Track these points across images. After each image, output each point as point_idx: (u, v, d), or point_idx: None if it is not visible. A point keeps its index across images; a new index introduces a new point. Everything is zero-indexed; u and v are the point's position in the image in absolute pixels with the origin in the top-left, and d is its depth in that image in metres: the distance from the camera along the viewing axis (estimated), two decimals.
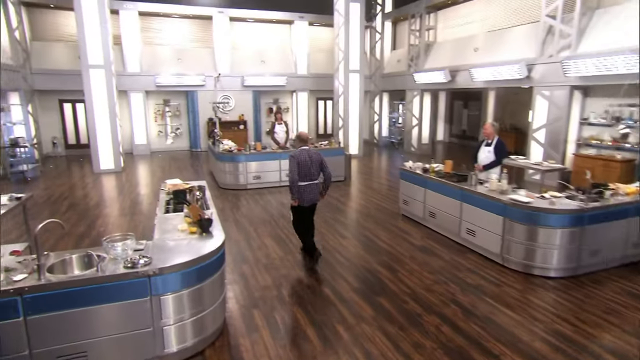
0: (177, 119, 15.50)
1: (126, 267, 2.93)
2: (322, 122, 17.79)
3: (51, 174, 11.24)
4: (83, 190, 9.26)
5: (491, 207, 5.03)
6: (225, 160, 9.02)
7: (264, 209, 7.50)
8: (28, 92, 12.61)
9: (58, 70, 13.31)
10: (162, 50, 14.83)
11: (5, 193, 4.81)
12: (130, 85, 14.14)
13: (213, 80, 14.60)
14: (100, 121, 11.06)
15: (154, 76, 14.30)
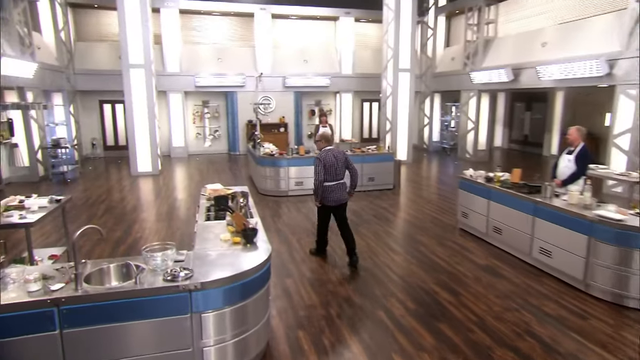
0: (215, 121, 15.79)
1: (166, 280, 2.82)
2: (367, 125, 17.55)
3: (90, 175, 11.71)
4: (120, 193, 9.52)
5: (572, 224, 4.59)
6: (265, 165, 8.98)
7: (306, 218, 7.35)
8: (70, 92, 13.28)
9: (99, 70, 13.95)
10: (202, 50, 15.19)
11: (46, 194, 4.94)
12: (170, 86, 14.56)
13: (253, 81, 14.76)
14: (139, 122, 11.41)
15: (194, 76, 14.65)
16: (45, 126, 11.38)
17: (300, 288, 4.65)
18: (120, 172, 12.28)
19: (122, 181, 10.90)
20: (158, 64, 14.10)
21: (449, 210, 7.83)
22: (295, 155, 8.95)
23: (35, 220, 4.12)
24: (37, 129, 10.90)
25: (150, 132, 11.53)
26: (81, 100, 14.61)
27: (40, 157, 10.97)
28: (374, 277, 4.94)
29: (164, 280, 2.81)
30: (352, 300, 4.38)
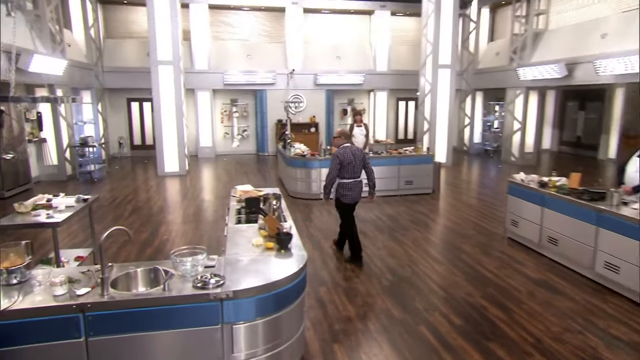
0: (244, 120, 15.91)
1: (195, 286, 2.75)
2: (403, 125, 17.27)
3: (116, 175, 11.98)
4: (147, 193, 9.67)
5: None
6: (296, 166, 8.93)
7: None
8: (99, 90, 13.67)
9: (128, 68, 14.30)
10: (231, 46, 15.35)
11: (73, 193, 5.01)
12: (198, 84, 14.76)
13: (284, 78, 14.80)
14: (167, 121, 11.59)
15: (222, 74, 14.80)
16: (74, 124, 11.72)
17: (335, 298, 4.52)
18: (147, 172, 12.52)
19: (148, 181, 11.08)
20: (186, 61, 14.31)
21: (494, 217, 7.52)
22: (327, 156, 8.82)
23: (62, 220, 4.17)
24: (66, 127, 11.24)
25: (178, 131, 11.70)
26: (109, 99, 15.02)
27: (68, 155, 11.30)
28: (414, 288, 4.76)
29: (194, 287, 2.74)
30: (391, 313, 4.22)
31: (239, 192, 5.10)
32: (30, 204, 4.44)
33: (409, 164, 9.08)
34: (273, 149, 15.55)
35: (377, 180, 8.65)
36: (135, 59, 14.49)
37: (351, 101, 16.39)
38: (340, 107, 16.41)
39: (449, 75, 12.81)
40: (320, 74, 15.26)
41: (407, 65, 15.78)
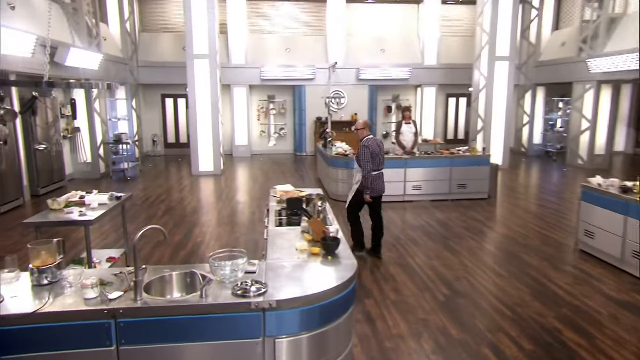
0: (281, 118, 15.95)
1: (235, 294, 2.63)
2: (453, 124, 16.80)
3: (150, 174, 12.24)
4: (180, 193, 9.80)
5: None
6: (338, 167, 8.81)
7: (387, 229, 6.96)
8: (133, 86, 14.05)
9: (163, 62, 14.63)
10: (269, 40, 15.43)
11: (106, 192, 5.04)
12: (234, 79, 14.91)
13: (324, 73, 14.71)
14: (202, 118, 11.74)
15: (260, 69, 14.89)
16: (108, 121, 12.08)
17: (385, 313, 4.31)
18: (181, 171, 12.72)
19: (182, 181, 11.24)
20: (223, 56, 14.48)
21: (561, 227, 7.09)
22: None
23: (95, 218, 4.19)
24: (100, 123, 11.58)
25: (214, 129, 11.82)
26: (143, 95, 15.43)
27: (102, 153, 11.63)
28: (474, 305, 4.48)
29: (234, 295, 2.62)
30: (449, 333, 3.97)
31: (279, 193, 4.99)
32: (63, 201, 4.50)
33: (463, 166, 8.73)
34: (312, 148, 15.51)
35: (425, 182, 8.57)
36: (170, 54, 14.81)
37: (396, 98, 16.11)
38: (384, 105, 16.17)
39: (507, 68, 12.30)
40: (363, 68, 15.08)
41: (459, 59, 15.32)
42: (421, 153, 9.07)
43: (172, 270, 2.96)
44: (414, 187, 8.66)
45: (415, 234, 6.72)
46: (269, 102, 15.77)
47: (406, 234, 6.73)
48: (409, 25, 15.87)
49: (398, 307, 4.42)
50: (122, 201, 4.87)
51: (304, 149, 15.68)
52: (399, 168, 8.58)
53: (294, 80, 15.12)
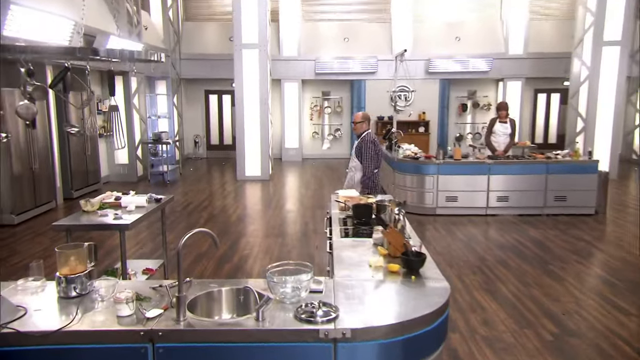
0: (337, 117, 15.86)
1: (299, 318, 2.36)
2: (542, 124, 16.05)
3: (190, 178, 12.43)
4: (224, 199, 9.83)
5: None
6: (406, 172, 8.57)
7: (467, 247, 6.59)
8: (175, 80, 14.35)
9: (207, 54, 14.88)
10: (325, 28, 15.39)
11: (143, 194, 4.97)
12: (285, 73, 14.95)
13: (388, 66, 14.44)
14: (250, 116, 11.78)
15: (314, 61, 14.85)
16: (147, 118, 12.34)
17: (474, 350, 3.91)
18: (225, 175, 12.83)
19: (226, 186, 11.31)
20: (273, 47, 14.52)
21: None
22: (447, 160, 8.32)
23: (131, 222, 4.12)
24: (139, 121, 11.84)
25: (262, 129, 11.82)
26: (185, 90, 15.76)
27: (140, 153, 11.87)
28: (594, 348, 3.96)
29: (297, 319, 2.36)
30: None
31: (342, 198, 4.76)
32: (97, 202, 4.47)
33: (562, 174, 8.14)
34: None
35: (513, 193, 8.13)
36: (215, 45, 15.05)
37: (472, 93, 15.62)
38: (458, 102, 15.69)
39: (618, 55, 11.41)
40: (433, 59, 14.71)
41: (551, 46, 14.53)
42: (509, 157, 8.56)
43: (221, 285, 2.75)
44: (498, 198, 8.19)
45: (504, 254, 6.25)
46: (323, 99, 15.70)
47: (493, 254, 6.28)
48: (489, 8, 15.26)
49: (491, 345, 3.99)
50: (162, 204, 4.79)
51: None
52: (480, 174, 8.15)
53: (353, 74, 14.98)
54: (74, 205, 8.75)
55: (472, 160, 8.32)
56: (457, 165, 8.22)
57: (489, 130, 8.68)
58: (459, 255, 6.25)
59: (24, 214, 8.03)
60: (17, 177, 7.92)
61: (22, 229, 7.61)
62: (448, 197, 8.25)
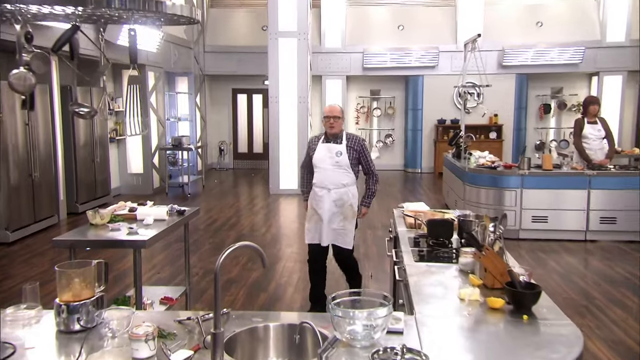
0: (388, 121, 15.74)
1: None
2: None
3: (215, 190, 12.47)
4: (255, 216, 9.80)
5: None
6: (480, 184, 8.36)
7: (566, 281, 6.21)
8: (198, 77, 14.48)
9: (236, 47, 14.97)
10: (375, 14, 15.33)
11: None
12: (327, 67, 14.93)
13: (451, 58, 14.28)
14: (286, 119, 11.73)
15: (362, 53, 14.77)
16: (165, 120, 12.38)
17: None
18: (254, 188, 12.87)
19: (257, 201, 11.31)
20: (314, 37, 14.45)
21: None
22: (534, 171, 8.04)
23: (149, 238, 3.97)
24: (156, 123, 11.87)
25: (300, 133, 11.74)
26: (210, 89, 15.89)
27: (157, 161, 11.88)
28: None
29: None
30: None
31: (410, 212, 4.54)
32: (107, 213, 4.36)
33: None
34: (429, 163, 15.21)
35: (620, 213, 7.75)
36: (246, 35, 15.14)
37: (557, 91, 15.34)
38: (539, 102, 15.34)
39: None
40: (508, 49, 14.44)
41: None
42: (614, 167, 8.12)
43: (267, 320, 2.51)
44: (602, 220, 7.79)
45: (617, 291, 5.84)
46: (371, 100, 15.61)
47: (602, 291, 5.87)
48: None
49: None
50: (186, 218, 4.65)
51: (419, 164, 15.34)
52: (577, 189, 7.80)
53: (408, 69, 14.85)
54: (79, 221, 8.75)
55: (566, 170, 7.95)
56: (546, 177, 7.90)
57: (579, 135, 8.24)
58: (557, 290, 5.83)
59: (20, 230, 8.03)
60: (14, 187, 7.91)
61: (18, 247, 7.61)
62: (535, 217, 7.92)
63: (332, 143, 5.01)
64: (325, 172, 5.01)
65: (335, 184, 4.99)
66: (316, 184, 5.06)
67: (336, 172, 5.00)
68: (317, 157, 5.02)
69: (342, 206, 5.05)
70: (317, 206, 5.05)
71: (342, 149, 4.98)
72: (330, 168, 4.99)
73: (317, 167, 5.05)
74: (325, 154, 4.99)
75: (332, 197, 4.99)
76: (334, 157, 4.96)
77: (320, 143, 5.07)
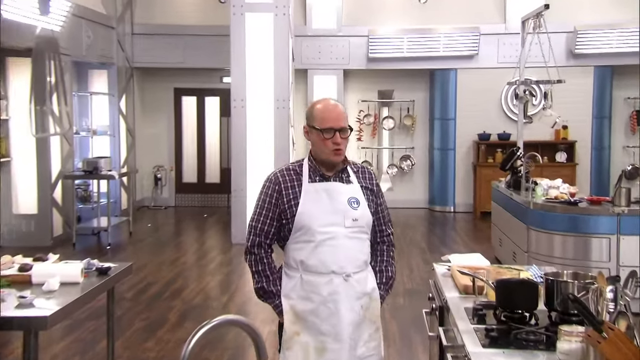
0: (404, 136, 15.86)
1: None
2: None
3: (148, 239, 12.35)
4: (210, 279, 9.72)
5: None
6: (552, 228, 8.35)
7: None
8: (123, 71, 14.40)
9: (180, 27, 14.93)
10: None
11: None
12: (316, 58, 15.10)
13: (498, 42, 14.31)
14: (257, 130, 11.60)
15: (366, 37, 14.87)
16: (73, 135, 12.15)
17: None
18: (209, 236, 12.86)
19: (212, 255, 11.24)
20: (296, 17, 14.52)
21: None
22: (635, 208, 7.97)
23: (52, 313, 3.84)
24: (60, 140, 11.60)
25: (278, 154, 11.66)
26: (141, 89, 15.78)
27: (59, 195, 11.70)
28: None
29: None
30: None
31: (464, 268, 4.47)
32: None
33: None
34: (467, 198, 15.29)
35: None
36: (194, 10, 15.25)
37: None
38: (629, 108, 15.49)
39: None
40: (582, 31, 14.61)
41: None
42: None
43: None
44: None
45: None
46: (380, 105, 15.71)
47: None
48: None
49: None
50: (111, 280, 4.47)
51: (451, 200, 15.48)
52: None
53: (434, 59, 15.02)
54: None
55: None
56: None
57: None
58: None
59: None
60: None
61: None
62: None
63: (334, 181, 3.96)
64: (334, 242, 3.83)
65: (356, 264, 3.92)
66: (312, 268, 3.87)
67: (354, 241, 3.90)
68: (311, 214, 3.88)
69: (368, 308, 3.98)
70: (320, 316, 3.85)
71: (357, 191, 4.00)
72: (344, 233, 3.86)
73: (312, 234, 3.89)
74: (328, 205, 3.93)
75: (354, 290, 3.88)
76: (348, 211, 3.90)
77: (307, 184, 3.98)
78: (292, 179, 3.89)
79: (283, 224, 3.85)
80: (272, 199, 3.87)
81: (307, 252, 3.80)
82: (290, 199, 3.82)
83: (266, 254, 3.86)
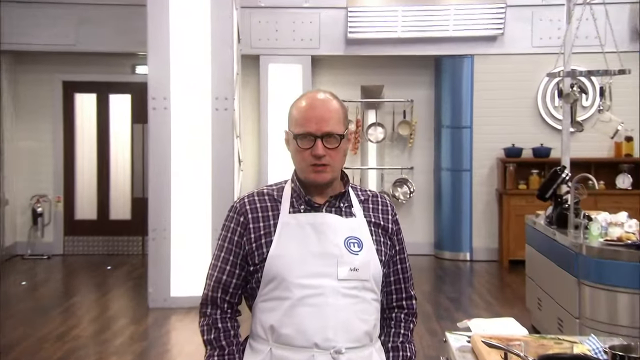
0: (399, 151, 16.15)
1: None
2: None
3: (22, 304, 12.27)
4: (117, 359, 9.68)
5: None
6: (613, 283, 8.45)
7: None
8: None
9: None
10: None
11: None
12: (271, 40, 15.19)
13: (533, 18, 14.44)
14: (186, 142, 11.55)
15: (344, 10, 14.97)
16: None
17: None
18: (113, 297, 12.88)
19: (118, 324, 11.23)
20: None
21: None
22: None
23: None
24: None
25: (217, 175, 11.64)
26: (14, 82, 15.82)
27: None
28: None
29: None
30: None
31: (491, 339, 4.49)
32: None
33: None
34: (489, 241, 15.49)
35: None
36: None
37: None
38: None
39: None
40: None
41: None
42: None
43: None
44: None
45: None
46: (364, 107, 15.99)
47: None
48: None
49: None
50: None
51: (467, 243, 15.67)
52: None
53: (442, 41, 15.22)
54: None
55: None
56: None
57: None
58: None
59: None
60: None
61: None
62: None
63: (327, 212, 3.74)
64: (318, 301, 3.56)
65: (353, 335, 3.63)
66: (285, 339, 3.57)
67: (351, 301, 3.63)
68: (288, 259, 3.59)
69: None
70: None
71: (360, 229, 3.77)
72: (336, 289, 3.61)
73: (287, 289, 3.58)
74: (314, 246, 3.64)
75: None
76: (344, 256, 3.65)
77: (287, 214, 3.72)
78: (264, 208, 3.62)
79: (251, 272, 3.55)
80: (234, 236, 3.59)
81: (280, 314, 3.48)
82: (261, 235, 3.53)
83: (223, 316, 3.58)
